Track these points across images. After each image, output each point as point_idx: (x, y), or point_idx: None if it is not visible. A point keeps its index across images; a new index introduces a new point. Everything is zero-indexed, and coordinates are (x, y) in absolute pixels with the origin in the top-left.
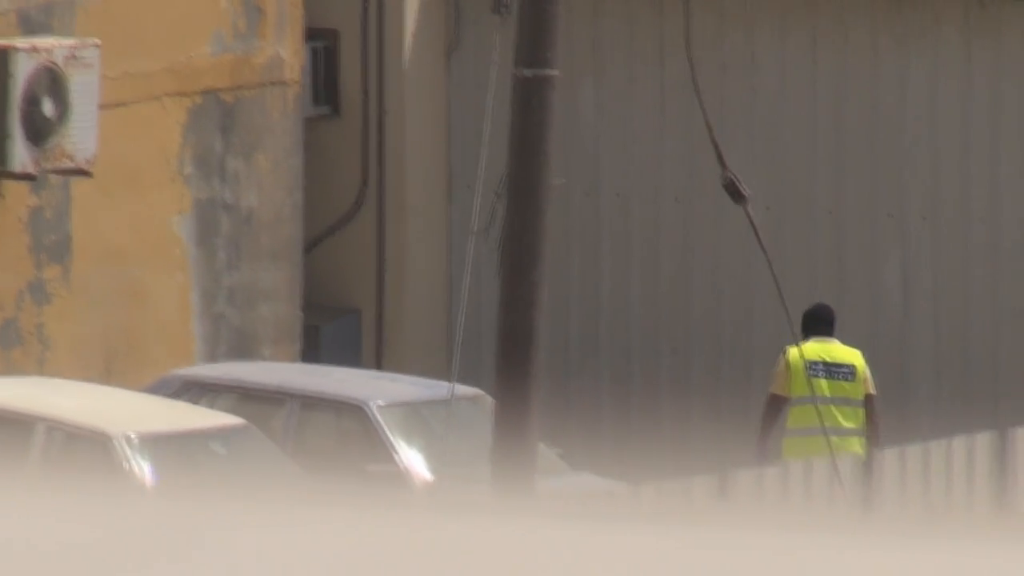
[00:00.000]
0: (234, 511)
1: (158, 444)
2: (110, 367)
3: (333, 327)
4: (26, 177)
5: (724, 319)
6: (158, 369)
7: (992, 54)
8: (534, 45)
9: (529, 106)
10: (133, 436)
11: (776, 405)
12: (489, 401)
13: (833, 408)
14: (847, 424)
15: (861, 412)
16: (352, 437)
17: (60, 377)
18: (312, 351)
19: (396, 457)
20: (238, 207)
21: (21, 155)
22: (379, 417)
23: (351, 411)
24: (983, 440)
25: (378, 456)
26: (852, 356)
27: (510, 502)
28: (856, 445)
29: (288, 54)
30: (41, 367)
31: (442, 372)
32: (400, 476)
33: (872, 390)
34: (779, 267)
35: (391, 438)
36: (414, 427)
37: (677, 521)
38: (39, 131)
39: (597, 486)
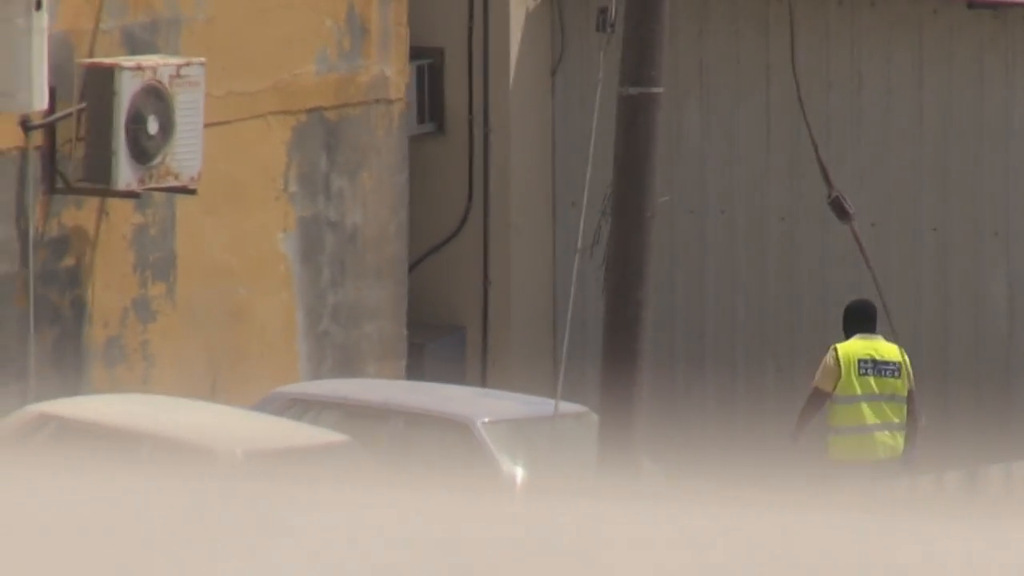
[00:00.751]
0: (322, 491)
1: (264, 461)
2: (214, 384)
3: (438, 344)
4: (131, 195)
5: (830, 337)
6: (263, 386)
7: None
8: (639, 63)
9: (634, 124)
10: (239, 453)
11: (819, 400)
12: (594, 418)
13: (884, 405)
14: (896, 420)
15: (905, 408)
16: (457, 454)
17: (164, 394)
18: (416, 368)
19: (501, 474)
20: (343, 225)
21: (126, 173)
22: (484, 434)
23: (456, 428)
24: None
25: (483, 473)
26: (896, 352)
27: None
28: (902, 441)
29: (393, 72)
30: (145, 384)
31: (547, 389)
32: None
33: (912, 385)
34: (884, 284)
35: (496, 455)
36: (519, 444)
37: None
38: (144, 149)
39: None
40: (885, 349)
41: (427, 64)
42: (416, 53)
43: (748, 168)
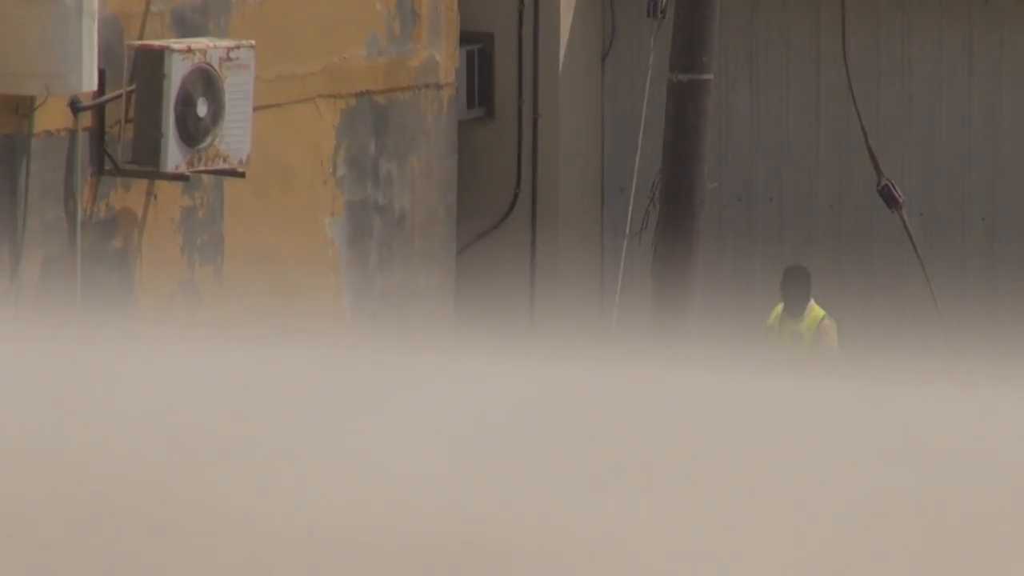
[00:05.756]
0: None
1: None
2: None
3: (485, 330)
4: (179, 177)
5: (877, 324)
6: None
7: None
8: (689, 49)
9: (683, 111)
10: None
11: None
12: None
13: None
14: None
15: None
16: None
17: None
18: None
19: None
20: (391, 209)
21: (175, 156)
22: None
23: None
24: None
25: None
26: None
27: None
28: None
29: (443, 57)
30: None
31: None
32: None
33: None
34: (932, 273)
35: None
36: None
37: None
38: (193, 132)
39: None
40: None
41: (477, 49)
42: (466, 38)
43: (797, 155)
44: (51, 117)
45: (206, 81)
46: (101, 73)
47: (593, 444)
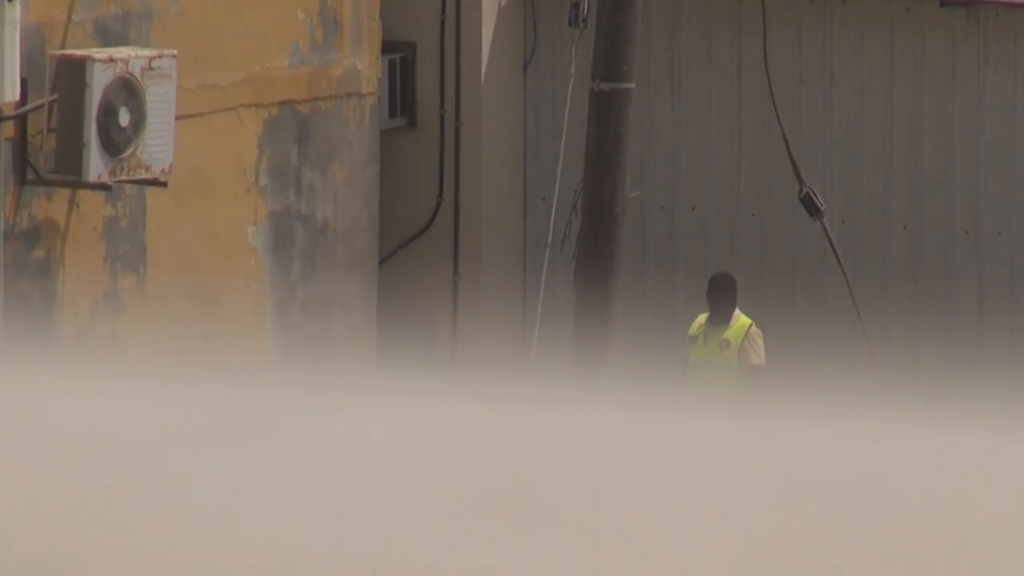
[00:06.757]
0: (328, 398)
1: None
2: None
3: (407, 338)
4: (101, 187)
5: (799, 332)
6: None
7: None
8: (611, 59)
9: (606, 119)
10: None
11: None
12: None
13: None
14: None
15: None
16: None
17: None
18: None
19: None
20: (313, 218)
21: (97, 165)
22: None
23: None
24: None
25: None
26: None
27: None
28: None
29: (365, 66)
30: None
31: None
32: None
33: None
34: (855, 280)
35: None
36: None
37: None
38: (115, 141)
39: None
40: None
41: (399, 58)
42: (388, 47)
43: (719, 164)
44: None
45: (128, 91)
46: (23, 82)
47: (507, 488)
